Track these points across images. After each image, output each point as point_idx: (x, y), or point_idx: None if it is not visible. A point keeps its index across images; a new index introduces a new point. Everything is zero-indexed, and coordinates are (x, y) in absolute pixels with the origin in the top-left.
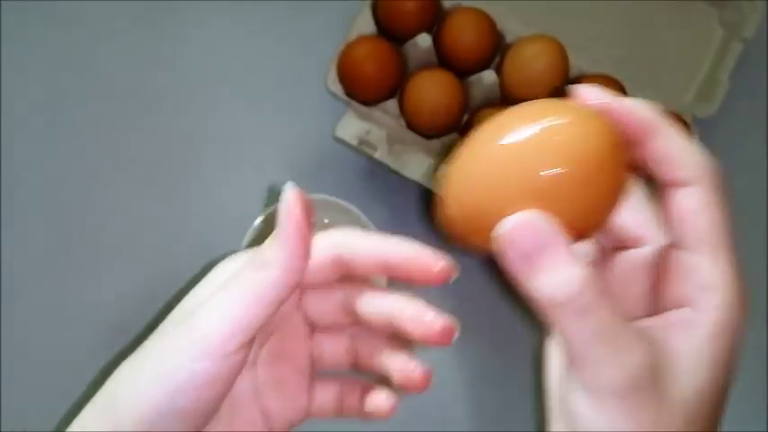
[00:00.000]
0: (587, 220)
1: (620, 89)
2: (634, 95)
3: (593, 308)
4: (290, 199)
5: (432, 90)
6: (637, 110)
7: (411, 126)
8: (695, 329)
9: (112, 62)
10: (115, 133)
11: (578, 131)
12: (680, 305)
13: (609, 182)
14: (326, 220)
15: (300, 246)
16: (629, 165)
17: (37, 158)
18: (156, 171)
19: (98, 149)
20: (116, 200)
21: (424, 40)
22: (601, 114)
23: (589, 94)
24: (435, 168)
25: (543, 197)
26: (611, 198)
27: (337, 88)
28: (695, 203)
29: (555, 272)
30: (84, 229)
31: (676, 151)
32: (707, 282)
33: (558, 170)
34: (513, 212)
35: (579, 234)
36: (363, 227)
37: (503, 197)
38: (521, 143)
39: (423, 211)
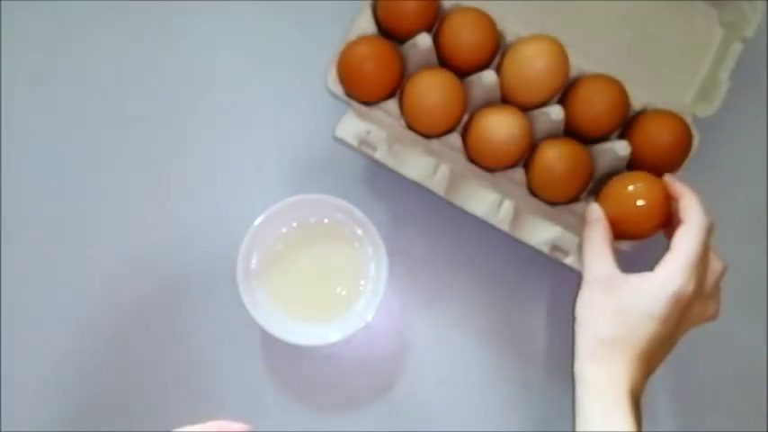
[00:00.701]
0: (646, 228)
1: (621, 90)
2: (635, 95)
3: (595, 239)
4: None
5: (432, 90)
6: (679, 185)
7: (411, 126)
8: (646, 282)
9: (113, 61)
10: (115, 134)
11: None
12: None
13: (660, 215)
14: (326, 220)
15: None
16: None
17: (37, 162)
18: (156, 172)
19: (97, 150)
20: (116, 200)
21: (423, 40)
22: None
23: (671, 181)
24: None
25: (636, 212)
26: (658, 223)
27: (337, 88)
28: (684, 236)
29: (591, 226)
30: (84, 231)
31: (689, 208)
32: (660, 268)
33: (643, 203)
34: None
35: (644, 229)
36: (362, 226)
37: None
38: (633, 190)
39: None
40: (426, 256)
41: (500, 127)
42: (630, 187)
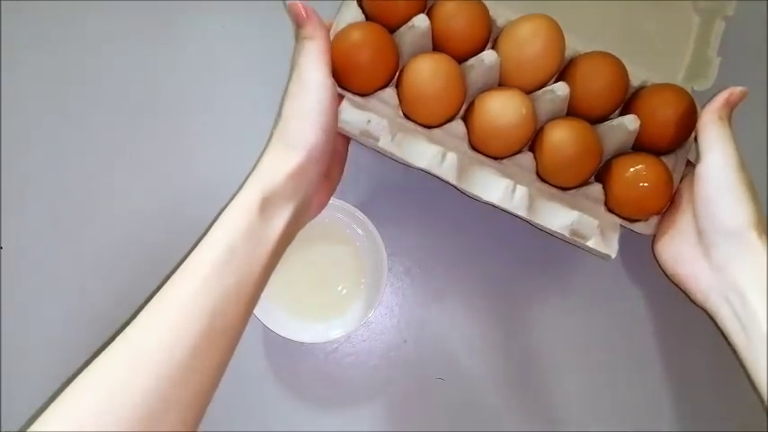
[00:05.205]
0: (651, 209)
1: (620, 65)
2: (632, 71)
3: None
4: (293, 3)
5: (432, 75)
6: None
7: (410, 115)
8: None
9: (113, 60)
10: (115, 134)
11: (655, 171)
12: None
13: (663, 196)
14: (327, 220)
15: (317, 19)
16: None
17: (40, 158)
18: (155, 172)
19: (99, 151)
20: (114, 202)
21: (421, 21)
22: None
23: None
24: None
25: (641, 194)
26: (663, 203)
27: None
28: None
29: None
30: (84, 229)
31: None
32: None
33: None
34: None
35: (649, 210)
36: (362, 226)
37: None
38: (636, 173)
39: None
40: (426, 256)
41: (506, 109)
42: (632, 169)
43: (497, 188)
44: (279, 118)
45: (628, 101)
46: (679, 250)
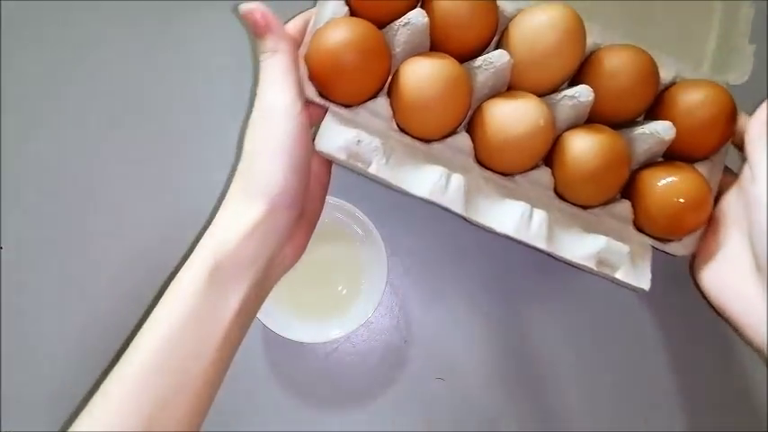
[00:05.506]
0: (688, 227)
1: (650, 59)
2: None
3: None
4: (247, 10)
5: (433, 80)
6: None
7: (406, 128)
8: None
9: (113, 60)
10: (116, 134)
11: (693, 183)
12: None
13: (703, 210)
14: (327, 220)
15: (279, 29)
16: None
17: (43, 160)
18: (154, 172)
19: (99, 151)
20: (115, 201)
21: (418, 17)
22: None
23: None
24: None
25: (677, 210)
26: (703, 219)
27: (309, 89)
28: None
29: None
30: (83, 231)
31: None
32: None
33: (683, 200)
34: None
35: (686, 228)
36: (362, 225)
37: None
38: (671, 186)
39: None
40: (426, 256)
41: (521, 118)
42: (664, 182)
43: (512, 216)
44: (241, 154)
45: (655, 100)
46: (729, 281)
